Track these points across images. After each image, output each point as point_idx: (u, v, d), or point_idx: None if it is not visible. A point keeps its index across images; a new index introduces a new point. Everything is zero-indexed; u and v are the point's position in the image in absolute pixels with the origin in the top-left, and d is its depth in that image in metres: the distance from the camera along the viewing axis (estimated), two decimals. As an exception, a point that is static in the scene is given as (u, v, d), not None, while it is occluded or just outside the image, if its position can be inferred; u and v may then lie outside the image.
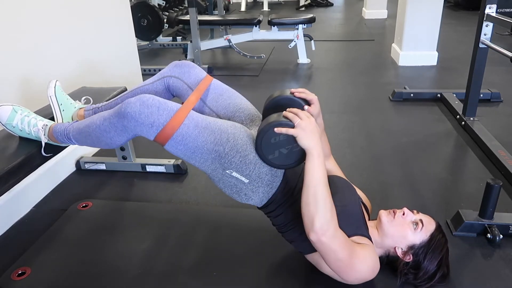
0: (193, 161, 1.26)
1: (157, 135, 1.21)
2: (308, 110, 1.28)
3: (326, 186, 1.18)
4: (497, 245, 1.57)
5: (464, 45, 4.57)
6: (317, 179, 1.16)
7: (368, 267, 1.24)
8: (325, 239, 1.14)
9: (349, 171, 2.16)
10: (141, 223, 1.75)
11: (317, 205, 1.15)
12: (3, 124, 1.45)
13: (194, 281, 1.43)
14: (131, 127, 1.22)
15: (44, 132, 1.43)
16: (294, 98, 1.31)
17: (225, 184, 1.30)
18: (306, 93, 1.32)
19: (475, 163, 2.20)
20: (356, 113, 2.92)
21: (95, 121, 1.32)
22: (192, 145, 1.22)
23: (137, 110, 1.19)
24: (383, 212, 1.38)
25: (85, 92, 1.97)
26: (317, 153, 1.17)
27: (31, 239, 1.66)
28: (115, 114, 1.25)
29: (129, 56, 2.84)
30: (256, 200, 1.32)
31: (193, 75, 1.49)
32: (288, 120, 1.19)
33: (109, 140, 1.30)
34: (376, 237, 1.36)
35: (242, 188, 1.29)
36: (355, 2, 8.49)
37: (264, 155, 1.23)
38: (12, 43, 1.77)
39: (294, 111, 1.21)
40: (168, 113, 1.20)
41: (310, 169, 1.17)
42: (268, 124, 1.20)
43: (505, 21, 2.07)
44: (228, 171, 1.25)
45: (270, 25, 4.12)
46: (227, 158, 1.23)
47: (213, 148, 1.23)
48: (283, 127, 1.18)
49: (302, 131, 1.16)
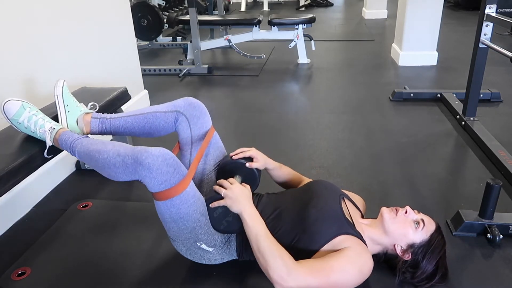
0: (173, 224, 1.30)
1: (160, 191, 1.23)
2: (250, 165, 1.46)
3: (265, 237, 1.24)
4: (497, 245, 1.57)
5: (464, 45, 4.57)
6: (255, 235, 1.25)
7: (352, 272, 1.22)
8: (288, 284, 1.16)
9: (349, 171, 2.17)
10: (141, 223, 1.75)
11: (265, 257, 1.20)
12: (9, 119, 1.44)
13: (194, 281, 1.43)
14: (142, 175, 1.22)
15: (50, 135, 1.42)
16: (234, 161, 1.47)
17: (193, 256, 1.40)
18: (243, 151, 1.49)
19: (475, 163, 2.20)
20: (356, 113, 2.92)
21: (107, 151, 1.29)
22: (185, 210, 1.27)
23: (156, 165, 1.19)
24: (385, 209, 1.39)
25: (85, 92, 1.97)
26: (246, 214, 1.28)
27: (31, 239, 1.66)
28: (132, 157, 1.23)
29: (129, 56, 2.84)
30: (228, 257, 1.42)
31: (200, 124, 1.52)
32: (217, 193, 1.32)
33: (114, 174, 1.29)
34: (373, 234, 1.36)
35: (210, 257, 1.39)
36: (355, 2, 8.49)
37: (216, 228, 1.34)
38: (12, 43, 1.77)
39: (219, 182, 1.35)
40: (179, 176, 1.23)
41: (246, 230, 1.28)
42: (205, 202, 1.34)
43: (505, 21, 2.07)
44: (198, 243, 1.34)
45: (270, 25, 4.12)
46: (204, 229, 1.32)
47: (198, 218, 1.30)
48: (214, 201, 1.31)
49: (229, 199, 1.29)
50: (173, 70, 3.98)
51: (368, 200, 1.62)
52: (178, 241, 1.36)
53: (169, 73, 3.97)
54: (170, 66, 4.03)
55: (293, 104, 3.20)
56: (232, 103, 3.24)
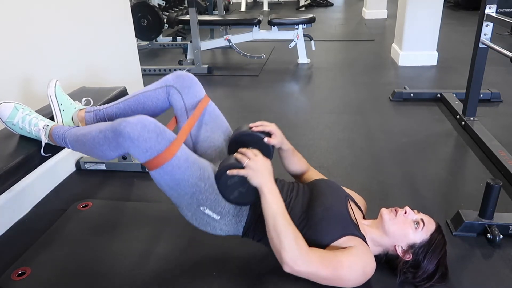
0: (172, 192, 1.28)
1: (148, 160, 1.21)
2: (268, 141, 1.38)
3: (283, 216, 1.21)
4: (497, 245, 1.57)
5: (464, 45, 4.57)
6: (272, 213, 1.21)
7: (357, 272, 1.24)
8: (298, 268, 1.16)
9: (349, 171, 2.17)
10: (141, 223, 1.75)
11: (279, 237, 1.18)
12: (4, 121, 1.45)
13: (194, 281, 1.43)
14: (125, 146, 1.20)
15: (45, 132, 1.43)
16: (253, 133, 1.39)
17: (198, 221, 1.34)
18: (264, 125, 1.41)
19: (475, 163, 2.20)
20: (356, 113, 2.92)
21: (91, 132, 1.31)
22: (178, 177, 1.24)
23: (136, 133, 1.17)
24: (385, 210, 1.38)
25: (84, 92, 1.97)
26: (267, 189, 1.23)
27: (31, 239, 1.66)
28: (111, 130, 1.22)
29: (129, 56, 2.84)
30: (233, 231, 1.37)
31: (192, 93, 1.48)
32: (238, 162, 1.26)
33: (101, 153, 1.29)
34: (374, 235, 1.36)
35: (215, 225, 1.34)
36: (355, 2, 8.49)
37: (225, 196, 1.29)
38: (12, 42, 1.77)
39: (243, 151, 1.29)
40: (165, 142, 1.20)
41: (264, 205, 1.23)
42: (222, 167, 1.28)
43: (505, 21, 2.07)
44: (202, 207, 1.29)
45: (270, 25, 4.12)
46: (205, 195, 1.27)
47: (196, 182, 1.26)
48: (234, 169, 1.25)
49: (251, 170, 1.23)
50: (173, 70, 3.94)
51: (368, 200, 1.62)
52: (182, 206, 1.32)
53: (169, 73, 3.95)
54: (170, 66, 4.03)
55: (293, 104, 3.20)
56: (232, 103, 3.24)
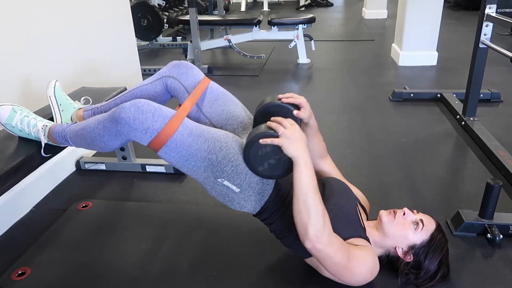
0: (186, 168, 1.26)
1: (151, 141, 1.20)
2: (297, 114, 1.30)
3: (316, 193, 1.17)
4: (497, 245, 1.57)
5: (464, 45, 4.57)
6: (306, 187, 1.16)
7: (367, 269, 1.24)
8: (320, 246, 1.15)
9: (349, 171, 2.16)
10: (141, 223, 1.75)
11: (309, 212, 1.15)
12: (3, 124, 1.45)
13: (193, 281, 1.43)
14: (125, 132, 1.21)
15: (44, 132, 1.43)
16: (282, 105, 1.31)
17: (217, 193, 1.30)
18: (294, 97, 1.32)
19: (475, 163, 2.20)
20: (356, 113, 2.92)
21: (90, 124, 1.31)
22: (185, 152, 1.22)
23: (131, 116, 1.18)
24: (383, 212, 1.38)
25: (84, 92, 1.97)
26: (303, 161, 1.17)
27: (31, 239, 1.66)
28: (109, 119, 1.23)
29: (129, 56, 2.84)
30: (249, 208, 1.32)
31: (191, 77, 1.47)
32: (272, 130, 1.19)
33: (103, 144, 1.29)
34: (375, 237, 1.36)
35: (234, 197, 1.29)
36: (355, 2, 8.49)
37: (254, 167, 1.23)
38: (12, 43, 1.77)
39: (278, 119, 1.22)
40: (162, 119, 1.19)
41: (298, 177, 1.17)
42: (253, 136, 1.20)
43: (505, 21, 2.07)
44: (220, 179, 1.25)
45: (270, 25, 4.12)
46: (219, 167, 1.23)
47: (206, 156, 1.22)
48: (268, 137, 1.18)
49: (287, 140, 1.16)
50: (173, 70, 3.97)
51: (368, 200, 1.62)
52: (201, 180, 1.29)
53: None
54: (170, 66, 4.02)
55: (293, 104, 3.20)
56: (232, 103, 3.24)
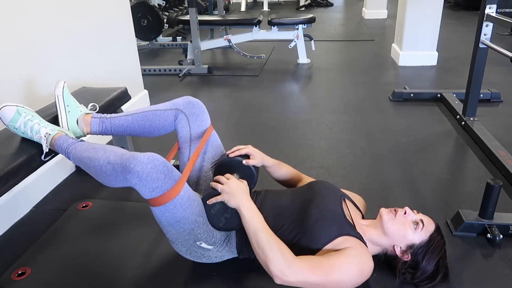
0: (171, 228, 1.30)
1: (153, 198, 1.22)
2: (247, 163, 1.44)
3: (264, 231, 1.24)
4: (497, 245, 1.57)
5: (464, 45, 4.57)
6: (253, 229, 1.24)
7: (353, 273, 1.22)
8: (288, 278, 1.16)
9: (349, 171, 2.17)
10: (141, 223, 1.75)
11: (264, 251, 1.19)
12: (6, 124, 1.45)
13: (194, 281, 1.44)
14: (132, 183, 1.20)
15: (46, 141, 1.42)
16: (230, 159, 1.45)
17: (193, 255, 1.39)
18: (239, 149, 1.47)
19: (475, 163, 2.20)
20: (356, 113, 2.92)
21: (98, 158, 1.28)
22: (179, 214, 1.26)
23: (146, 172, 1.17)
24: (384, 210, 1.38)
25: (85, 92, 1.97)
26: (244, 208, 1.27)
27: (31, 239, 1.66)
28: (121, 165, 1.21)
29: (129, 56, 2.84)
30: (229, 255, 1.42)
31: (199, 122, 1.53)
32: (214, 189, 1.32)
33: (106, 181, 1.29)
34: (373, 235, 1.36)
35: (210, 255, 1.38)
36: (355, 2, 8.49)
37: (214, 225, 1.34)
38: (12, 43, 1.77)
39: (216, 178, 1.35)
40: (171, 182, 1.21)
41: (244, 223, 1.27)
42: (202, 199, 1.33)
43: (505, 21, 2.07)
44: (198, 242, 1.33)
45: (270, 25, 4.12)
46: (202, 229, 1.31)
47: (195, 219, 1.29)
48: (211, 197, 1.31)
49: (226, 194, 1.29)
50: (173, 70, 3.98)
51: (368, 200, 1.62)
52: (178, 243, 1.35)
53: (169, 73, 3.97)
54: (170, 66, 4.03)
55: (293, 104, 3.20)
56: (232, 103, 3.24)
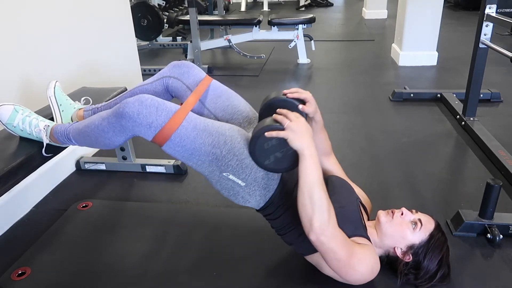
0: (191, 162, 1.26)
1: (155, 136, 1.21)
2: (303, 109, 1.28)
3: (321, 186, 1.17)
4: (497, 245, 1.57)
5: (464, 45, 4.57)
6: (311, 179, 1.16)
7: (368, 267, 1.24)
8: (324, 238, 1.15)
9: (349, 171, 2.15)
10: (141, 223, 1.76)
11: (314, 205, 1.15)
12: (4, 124, 1.45)
13: (194, 281, 1.43)
14: (129, 127, 1.21)
15: (46, 133, 1.43)
16: (287, 99, 1.29)
17: (223, 186, 1.29)
18: (299, 92, 1.31)
19: (475, 163, 2.20)
20: (356, 113, 2.92)
21: (93, 121, 1.31)
22: (190, 146, 1.22)
23: (136, 110, 1.18)
24: (382, 213, 1.38)
25: (85, 92, 1.97)
26: (309, 154, 1.16)
27: (31, 239, 1.66)
28: (113, 114, 1.24)
29: (129, 56, 2.84)
30: (253, 203, 1.32)
31: (192, 76, 1.48)
32: (278, 123, 1.18)
33: (108, 141, 1.29)
34: (375, 237, 1.36)
35: (239, 191, 1.28)
36: (355, 2, 8.49)
37: (260, 161, 1.22)
38: (12, 43, 1.77)
39: (283, 112, 1.21)
40: (166, 114, 1.20)
41: (303, 170, 1.17)
42: (259, 129, 1.20)
43: (505, 21, 2.07)
44: (225, 173, 1.25)
45: (270, 25, 4.12)
46: (224, 161, 1.23)
47: (210, 150, 1.22)
48: (274, 130, 1.17)
49: (292, 132, 1.16)
50: (173, 70, 3.97)
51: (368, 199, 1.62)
52: (206, 175, 1.29)
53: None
54: (170, 66, 4.02)
55: (293, 104, 3.20)
56: (232, 103, 3.24)
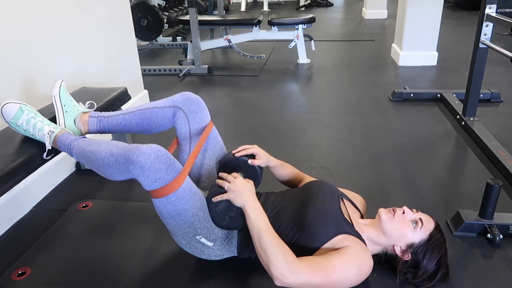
0: (172, 221, 1.30)
1: (155, 189, 1.22)
2: (252, 163, 1.45)
3: (268, 232, 1.24)
4: (497, 245, 1.57)
5: (464, 45, 4.57)
6: (257, 230, 1.25)
7: (353, 272, 1.23)
8: (288, 280, 1.16)
9: (349, 171, 2.17)
10: (141, 223, 1.75)
11: (266, 253, 1.20)
12: (8, 121, 1.44)
13: (194, 281, 1.44)
14: (135, 174, 1.21)
15: (50, 139, 1.42)
16: (236, 158, 1.46)
17: (193, 250, 1.39)
18: (245, 148, 1.47)
19: (475, 163, 2.20)
20: (356, 113, 2.92)
21: (101, 152, 1.29)
22: (181, 207, 1.26)
23: (149, 163, 1.18)
24: (383, 210, 1.38)
25: (85, 92, 1.97)
26: (249, 208, 1.28)
27: (31, 239, 1.66)
28: (123, 156, 1.22)
29: (129, 56, 2.84)
30: (228, 254, 1.42)
31: (198, 119, 1.52)
32: (220, 188, 1.32)
33: (109, 174, 1.30)
34: (372, 234, 1.36)
35: (210, 252, 1.39)
36: (355, 2, 8.49)
37: (218, 223, 1.34)
38: (12, 43, 1.77)
39: (223, 176, 1.35)
40: (173, 173, 1.22)
41: (248, 223, 1.28)
42: (207, 197, 1.34)
43: (505, 21, 2.07)
44: (198, 236, 1.33)
45: (270, 25, 4.12)
46: (202, 224, 1.31)
47: (196, 213, 1.29)
48: (217, 195, 1.31)
49: (232, 193, 1.29)
50: (173, 70, 3.98)
51: (368, 200, 1.62)
52: (178, 235, 1.35)
53: (169, 73, 3.97)
54: (170, 66, 4.03)
55: (293, 104, 3.20)
56: (232, 103, 3.24)
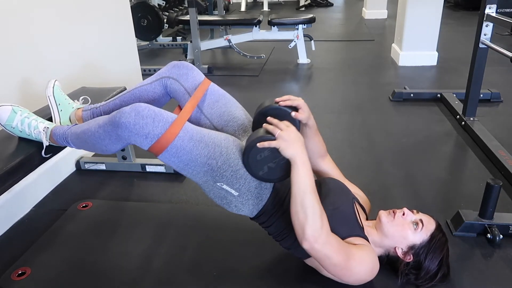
0: (185, 172, 1.27)
1: (151, 146, 1.21)
2: (295, 116, 1.30)
3: (313, 193, 1.18)
4: (497, 245, 1.57)
5: (464, 45, 4.57)
6: (303, 187, 1.17)
7: (367, 267, 1.24)
8: (317, 246, 1.15)
9: (349, 171, 2.15)
10: (141, 223, 1.76)
11: (306, 213, 1.15)
12: (3, 124, 1.45)
13: (194, 281, 1.44)
14: (125, 137, 1.21)
15: (46, 135, 1.43)
16: (280, 107, 1.31)
17: (215, 195, 1.31)
18: (291, 99, 1.32)
19: (475, 163, 2.20)
20: (356, 113, 2.92)
21: (91, 128, 1.31)
22: (185, 157, 1.22)
23: (132, 121, 1.17)
24: (383, 213, 1.38)
25: (84, 92, 1.97)
26: (301, 161, 1.18)
27: (31, 239, 1.66)
28: (109, 123, 1.23)
29: (129, 56, 2.84)
30: (247, 211, 1.33)
31: (191, 78, 1.47)
32: (269, 134, 1.20)
33: (104, 147, 1.29)
34: (374, 237, 1.36)
35: (232, 200, 1.30)
36: (355, 2, 8.49)
37: (254, 172, 1.24)
38: (12, 43, 1.77)
39: (274, 122, 1.23)
40: (163, 124, 1.19)
41: (295, 178, 1.18)
42: (251, 141, 1.21)
43: (505, 21, 2.06)
44: (219, 183, 1.26)
45: (270, 25, 4.12)
46: (219, 172, 1.24)
47: (206, 161, 1.23)
48: (265, 141, 1.18)
49: (283, 141, 1.17)
50: (173, 70, 3.97)
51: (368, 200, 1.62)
52: (199, 183, 1.30)
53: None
54: (170, 66, 4.02)
55: (293, 104, 3.20)
56: (232, 103, 3.24)
